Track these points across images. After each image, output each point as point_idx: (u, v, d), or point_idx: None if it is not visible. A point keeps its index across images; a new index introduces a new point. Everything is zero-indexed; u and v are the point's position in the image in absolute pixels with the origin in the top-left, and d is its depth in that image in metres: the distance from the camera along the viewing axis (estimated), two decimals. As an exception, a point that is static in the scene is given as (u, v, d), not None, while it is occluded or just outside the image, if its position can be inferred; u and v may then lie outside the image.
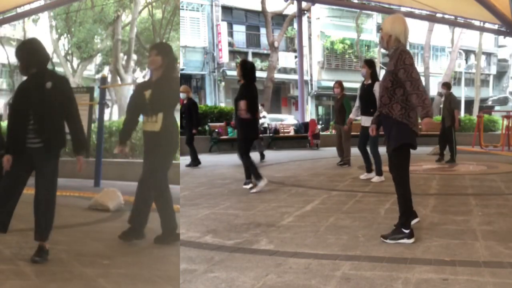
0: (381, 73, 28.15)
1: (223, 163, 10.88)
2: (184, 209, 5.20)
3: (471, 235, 3.86)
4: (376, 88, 6.94)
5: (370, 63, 7.36)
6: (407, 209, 3.73)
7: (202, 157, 10.53)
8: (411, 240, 3.63)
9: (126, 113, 4.61)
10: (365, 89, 7.23)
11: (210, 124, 15.37)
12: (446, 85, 10.53)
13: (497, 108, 33.34)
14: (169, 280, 3.15)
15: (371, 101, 6.90)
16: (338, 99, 9.78)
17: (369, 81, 7.18)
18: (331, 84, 29.01)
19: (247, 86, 6.74)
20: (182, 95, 10.21)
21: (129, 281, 3.16)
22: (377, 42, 30.48)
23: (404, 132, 3.68)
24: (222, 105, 21.54)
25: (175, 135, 4.30)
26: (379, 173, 7.17)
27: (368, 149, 7.29)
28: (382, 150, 4.59)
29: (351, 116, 7.86)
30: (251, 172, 6.56)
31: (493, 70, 38.83)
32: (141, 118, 4.56)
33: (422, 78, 29.39)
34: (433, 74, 29.18)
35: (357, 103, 7.47)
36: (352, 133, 9.45)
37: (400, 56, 3.63)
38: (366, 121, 7.07)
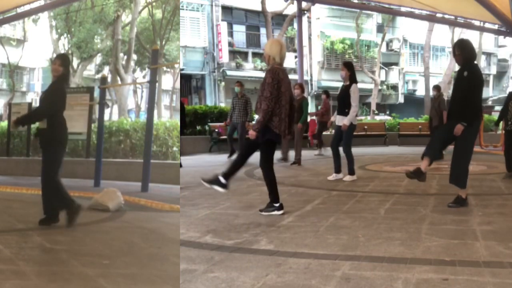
0: (381, 73, 27.92)
1: (223, 163, 10.88)
2: (184, 209, 5.20)
3: (471, 235, 3.86)
4: (353, 89, 7.12)
5: (349, 66, 7.40)
6: (274, 189, 4.85)
7: (202, 157, 10.54)
8: (281, 212, 4.80)
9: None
10: (342, 90, 7.34)
11: (210, 124, 15.36)
12: (437, 88, 11.21)
13: (497, 108, 33.33)
14: (169, 280, 3.15)
15: (347, 102, 7.13)
16: (297, 100, 10.11)
17: (347, 83, 7.23)
18: (332, 84, 28.97)
19: None
20: None
21: (129, 281, 3.16)
22: (377, 42, 30.51)
23: (267, 132, 4.73)
24: (222, 105, 21.52)
25: (61, 133, 4.99)
26: (352, 172, 7.37)
27: (341, 149, 7.42)
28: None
29: (332, 118, 7.86)
30: None
31: (493, 70, 38.80)
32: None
33: (422, 78, 29.48)
34: (433, 74, 29.17)
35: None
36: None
37: (267, 74, 4.74)
38: (340, 120, 7.23)
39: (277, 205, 4.87)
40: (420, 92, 31.28)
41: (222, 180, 4.84)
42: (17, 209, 6.23)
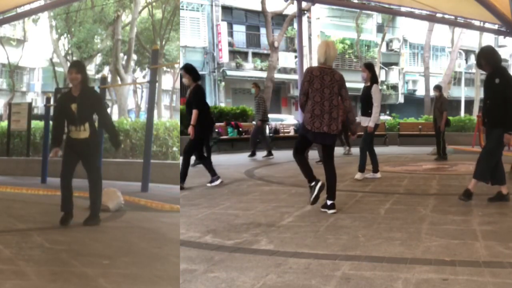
0: (381, 73, 27.90)
1: (223, 163, 10.88)
2: (184, 209, 5.20)
3: (471, 235, 3.86)
4: (374, 90, 7.11)
5: (369, 67, 7.45)
6: (306, 172, 5.08)
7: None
8: (319, 184, 4.94)
9: (54, 121, 5.41)
10: (364, 92, 7.35)
11: (210, 124, 15.33)
12: (438, 88, 11.18)
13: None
14: (169, 280, 3.15)
15: (370, 103, 7.19)
16: None
17: (368, 84, 7.27)
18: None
19: (197, 90, 7.00)
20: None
21: (129, 281, 3.15)
22: (377, 42, 30.52)
23: (301, 127, 5.11)
24: (222, 105, 21.52)
25: (98, 138, 5.37)
26: (362, 169, 7.47)
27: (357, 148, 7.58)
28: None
29: (357, 119, 7.87)
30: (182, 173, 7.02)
31: (493, 70, 38.74)
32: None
33: (422, 78, 29.47)
34: (433, 74, 29.17)
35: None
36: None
37: None
38: (365, 121, 7.30)
39: (312, 183, 4.96)
40: (420, 92, 31.28)
41: (316, 191, 4.96)
42: (17, 209, 6.23)
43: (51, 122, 10.16)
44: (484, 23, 13.57)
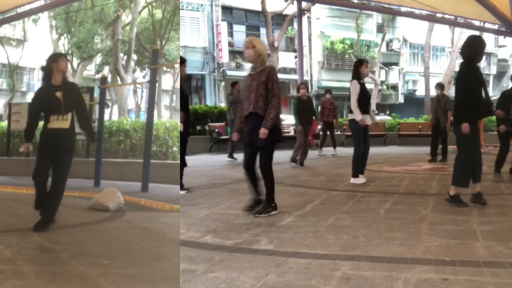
0: (381, 73, 27.72)
1: (223, 163, 10.89)
2: (184, 209, 5.20)
3: (471, 235, 3.86)
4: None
5: None
6: (273, 190, 4.85)
7: (202, 157, 10.54)
8: (277, 211, 4.81)
9: (30, 115, 5.09)
10: (366, 91, 7.25)
11: (210, 124, 15.36)
12: (440, 86, 10.75)
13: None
14: (169, 280, 3.15)
15: (368, 100, 7.21)
16: (306, 100, 9.92)
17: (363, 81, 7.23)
18: (331, 84, 28.87)
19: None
20: None
21: (129, 281, 3.16)
22: (377, 42, 30.53)
23: (275, 131, 4.77)
24: (222, 105, 21.53)
25: (75, 133, 4.88)
26: (363, 172, 7.32)
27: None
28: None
29: (358, 117, 7.52)
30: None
31: (493, 70, 38.81)
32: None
33: (422, 78, 29.49)
34: (433, 74, 29.17)
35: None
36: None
37: (271, 71, 4.80)
38: (368, 119, 7.18)
39: (273, 205, 4.89)
40: (420, 92, 31.29)
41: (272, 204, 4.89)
42: (17, 209, 6.22)
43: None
44: (484, 23, 13.59)
